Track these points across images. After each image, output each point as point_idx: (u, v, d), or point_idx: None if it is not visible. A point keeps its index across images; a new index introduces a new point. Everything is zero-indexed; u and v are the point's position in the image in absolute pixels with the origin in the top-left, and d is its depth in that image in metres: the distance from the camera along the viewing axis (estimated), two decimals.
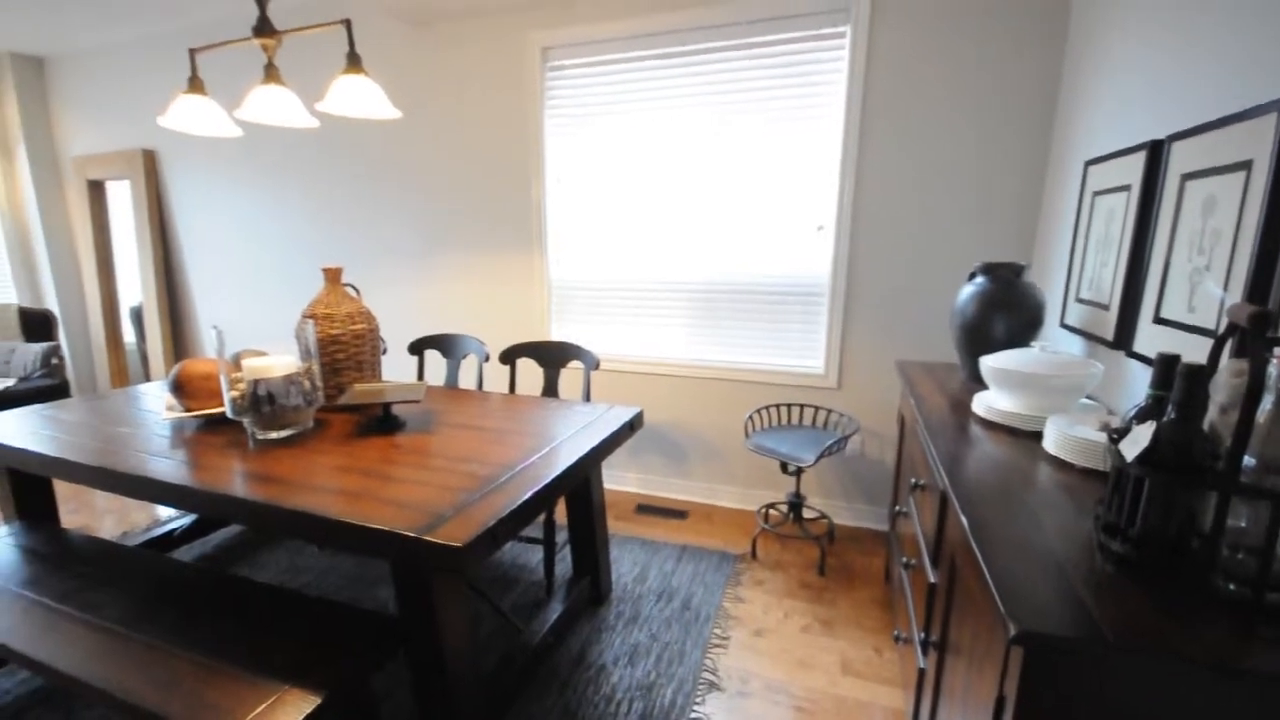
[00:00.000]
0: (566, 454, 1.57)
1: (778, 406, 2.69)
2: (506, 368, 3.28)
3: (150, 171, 3.94)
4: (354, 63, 1.67)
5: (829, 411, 2.63)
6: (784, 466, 2.40)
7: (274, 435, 1.67)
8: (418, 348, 2.64)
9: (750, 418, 2.62)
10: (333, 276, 2.01)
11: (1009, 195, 2.31)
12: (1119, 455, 0.82)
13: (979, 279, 1.82)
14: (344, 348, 1.94)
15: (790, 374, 2.73)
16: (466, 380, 3.35)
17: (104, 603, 1.47)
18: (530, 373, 3.22)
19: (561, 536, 2.65)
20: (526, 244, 3.07)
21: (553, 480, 1.42)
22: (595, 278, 3.01)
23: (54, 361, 3.89)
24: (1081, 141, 1.94)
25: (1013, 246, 2.35)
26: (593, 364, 2.32)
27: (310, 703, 1.15)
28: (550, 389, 2.42)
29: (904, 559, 1.65)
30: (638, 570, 2.40)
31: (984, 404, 1.51)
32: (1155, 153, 1.42)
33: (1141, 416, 0.89)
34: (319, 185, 3.50)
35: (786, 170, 2.59)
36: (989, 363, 1.47)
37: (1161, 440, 0.78)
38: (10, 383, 3.71)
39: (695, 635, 2.01)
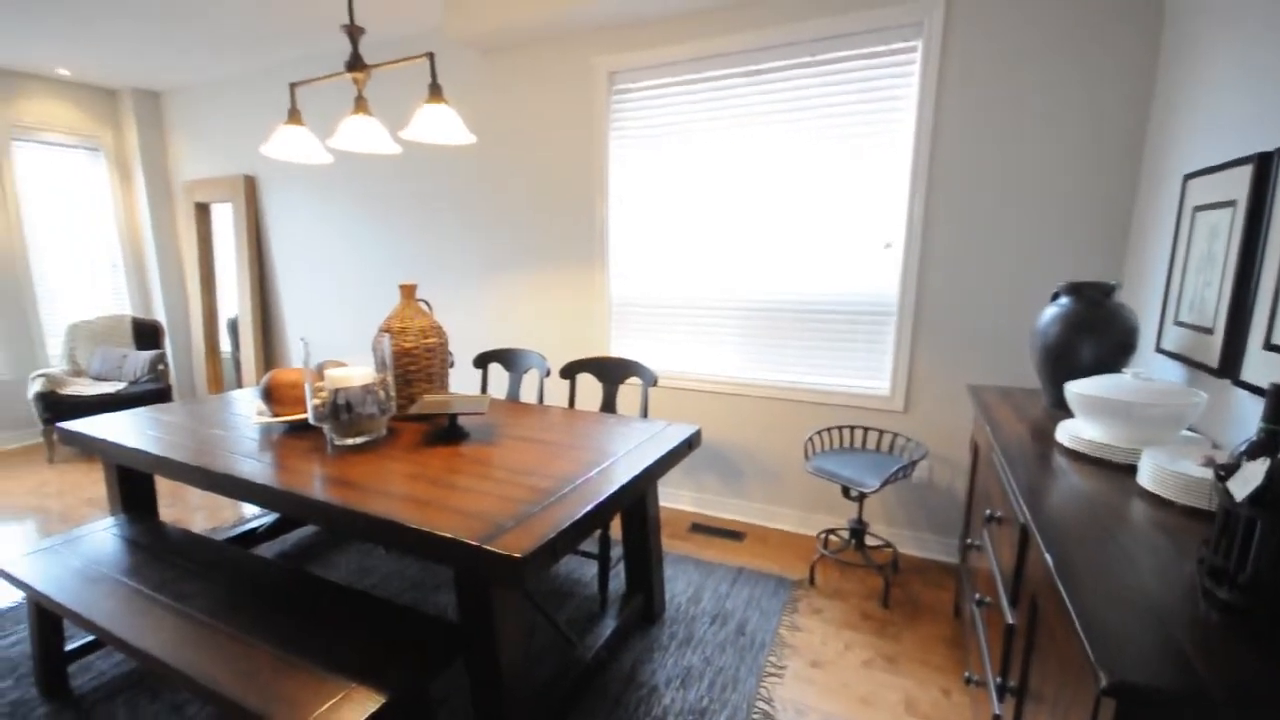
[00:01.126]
0: (624, 470, 1.58)
1: (839, 429, 2.61)
2: (566, 382, 3.34)
3: (250, 195, 4.29)
4: (436, 93, 1.77)
5: (894, 435, 2.53)
6: (845, 491, 2.32)
7: (350, 442, 1.76)
8: (482, 361, 2.73)
9: (810, 439, 2.56)
10: (407, 293, 2.12)
11: (1095, 211, 2.18)
12: (1227, 494, 0.75)
13: (1063, 299, 1.71)
14: (416, 360, 2.03)
15: (853, 395, 2.65)
16: (527, 394, 3.43)
17: (194, 593, 1.59)
18: (589, 388, 3.27)
19: (615, 552, 2.66)
20: (588, 262, 3.14)
21: (610, 496, 1.43)
22: (655, 295, 3.04)
23: (160, 368, 4.26)
24: (1178, 154, 1.81)
25: (1099, 265, 2.20)
26: (651, 380, 2.33)
27: (375, 702, 1.19)
28: (609, 404, 2.44)
29: (977, 595, 1.55)
30: (691, 590, 2.37)
31: (1069, 433, 1.41)
32: (1264, 166, 1.31)
33: (1252, 452, 0.81)
34: (396, 207, 3.70)
35: (853, 186, 2.54)
36: (1077, 389, 1.38)
37: (1276, 479, 0.70)
38: (122, 386, 4.09)
39: (750, 662, 1.95)
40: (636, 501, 2.03)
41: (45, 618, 1.77)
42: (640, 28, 2.79)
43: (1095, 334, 1.62)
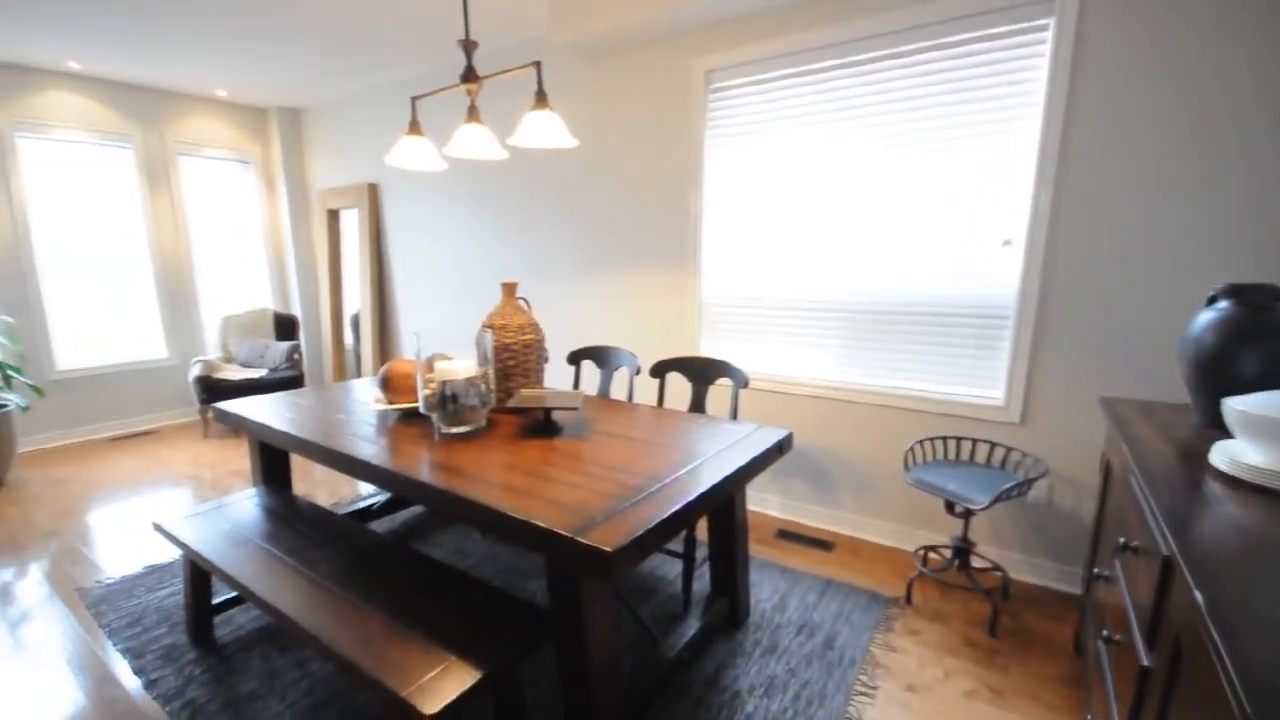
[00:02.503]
0: (713, 471, 1.57)
1: (945, 439, 2.45)
2: (656, 381, 3.37)
3: (373, 201, 4.68)
4: (541, 99, 1.85)
5: (1008, 449, 2.33)
6: (950, 507, 2.17)
7: (454, 430, 1.87)
8: (575, 358, 2.81)
9: (911, 449, 2.41)
10: (508, 291, 2.22)
11: (1258, 205, 1.89)
12: None
13: (1222, 303, 1.50)
14: (514, 356, 2.13)
15: (962, 404, 2.47)
16: (617, 391, 3.49)
17: (319, 560, 1.76)
18: (678, 387, 3.27)
19: (700, 553, 2.64)
20: (681, 261, 3.14)
21: (699, 496, 1.42)
22: (747, 295, 2.99)
23: (295, 357, 4.75)
24: None
25: (1265, 266, 1.91)
26: (742, 382, 2.29)
27: (472, 677, 1.26)
28: (698, 405, 2.43)
29: (1105, 632, 1.40)
30: (777, 598, 2.31)
31: (1228, 456, 1.24)
32: None
33: None
34: (498, 209, 3.89)
35: (967, 181, 2.37)
36: (1239, 406, 1.20)
37: None
38: (264, 372, 4.60)
39: (839, 678, 1.88)
40: (724, 504, 2.01)
41: (198, 573, 2.02)
42: (738, 24, 2.76)
43: (1261, 343, 1.41)
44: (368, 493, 3.35)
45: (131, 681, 1.88)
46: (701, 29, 2.86)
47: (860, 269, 2.65)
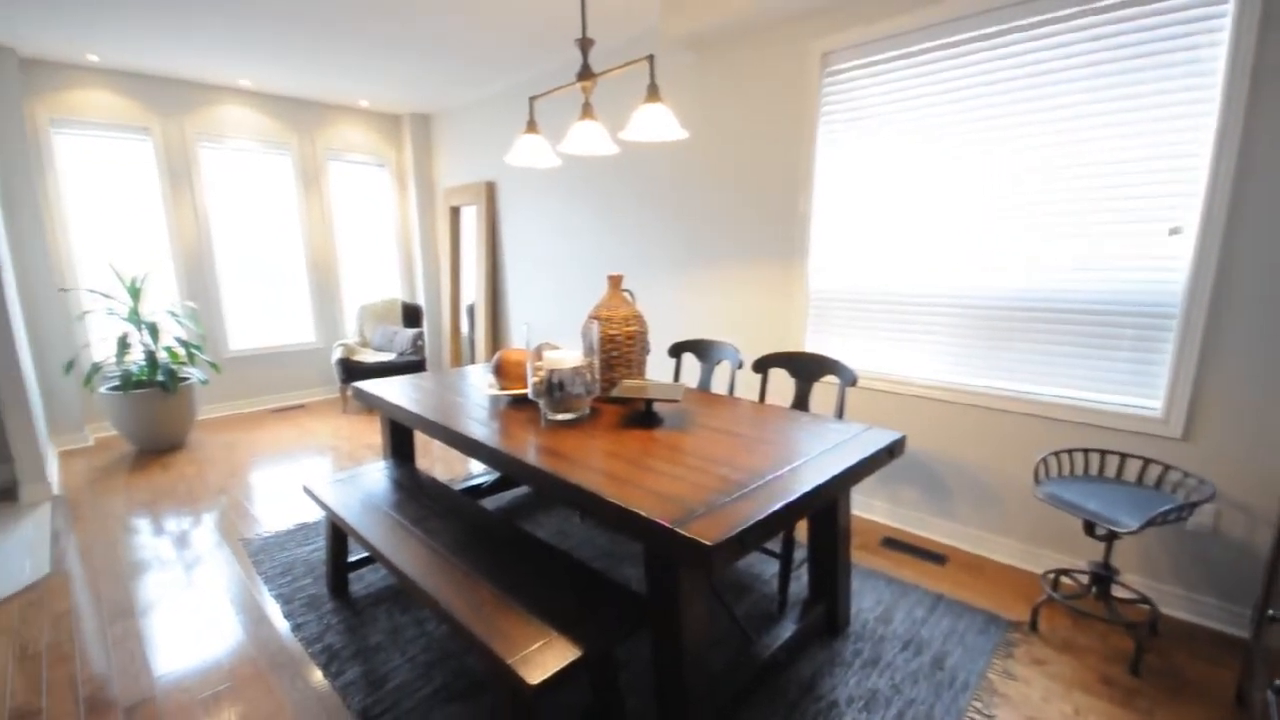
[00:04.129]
0: (816, 471, 1.52)
1: (1085, 452, 2.20)
2: (758, 376, 3.31)
3: (490, 198, 4.96)
4: (653, 93, 1.86)
5: (1166, 468, 2.05)
6: (1089, 527, 1.95)
7: (560, 417, 1.95)
8: (677, 351, 2.82)
9: (1044, 461, 2.19)
10: (614, 283, 2.27)
11: None
12: None
13: None
14: (618, 347, 2.18)
15: (1108, 413, 2.21)
16: (718, 385, 3.47)
17: (439, 530, 1.90)
18: (781, 383, 3.19)
19: (799, 555, 2.57)
20: (788, 253, 3.06)
21: (802, 496, 1.38)
22: (859, 289, 2.85)
23: (419, 343, 5.16)
24: None
25: None
26: (850, 380, 2.19)
27: (572, 653, 1.31)
28: (801, 402, 2.36)
29: (1277, 682, 1.20)
30: (881, 610, 2.20)
31: None
32: None
33: None
34: (606, 202, 3.99)
35: (1121, 163, 2.10)
36: None
37: None
38: (392, 356, 5.04)
39: (948, 702, 1.76)
40: (827, 506, 1.94)
41: (337, 534, 2.26)
42: (860, 1, 2.62)
43: None
44: (478, 471, 3.58)
45: (281, 624, 2.15)
46: (820, 9, 2.75)
47: (988, 261, 2.44)
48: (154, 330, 3.94)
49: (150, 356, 3.92)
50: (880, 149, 2.67)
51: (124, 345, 3.81)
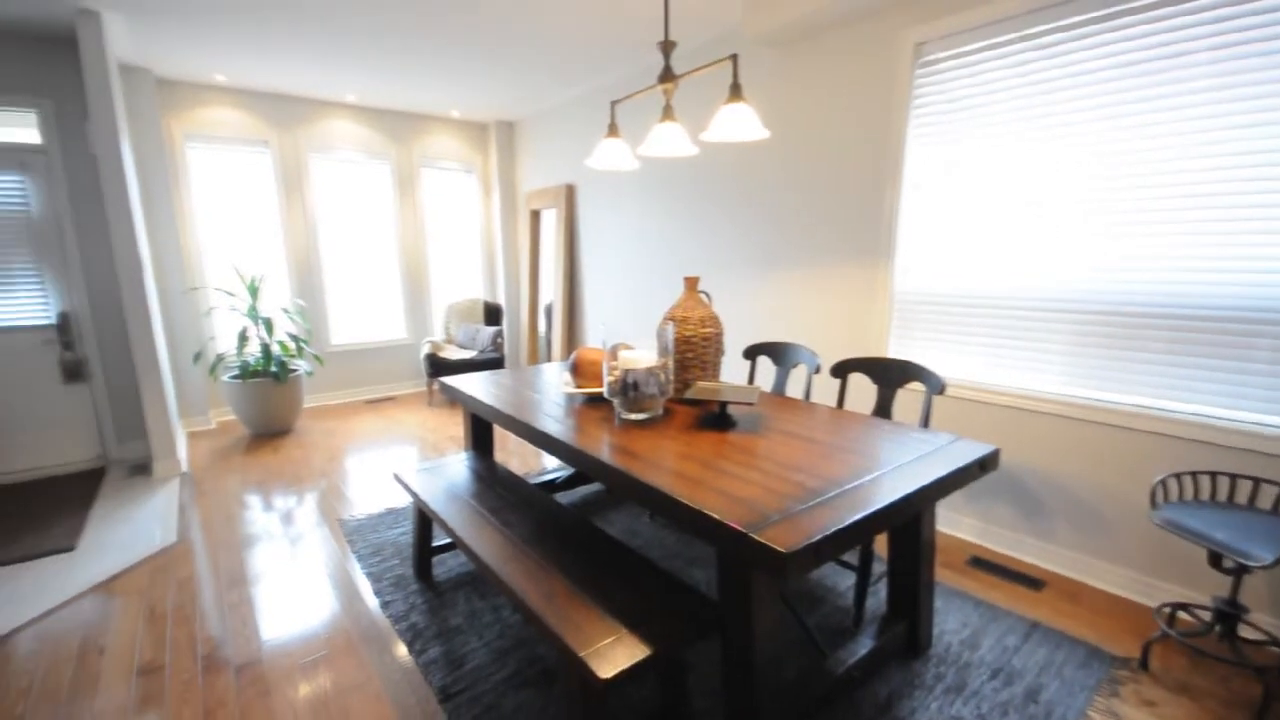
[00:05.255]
0: (899, 483, 1.45)
1: (1213, 475, 1.97)
2: (834, 381, 3.20)
3: (569, 201, 5.09)
4: (736, 92, 1.84)
5: None
6: (1215, 559, 1.75)
7: (634, 416, 1.97)
8: (752, 353, 2.78)
9: (1162, 482, 1.99)
10: (691, 284, 2.27)
11: None
12: None
13: None
14: (693, 348, 2.17)
15: (1241, 433, 1.97)
16: (793, 389, 3.39)
17: (514, 522, 1.97)
18: (860, 390, 3.07)
19: (877, 569, 2.46)
20: (871, 255, 2.94)
21: (883, 508, 1.32)
22: (950, 291, 2.69)
23: (498, 341, 5.37)
24: None
25: None
26: (937, 388, 2.08)
27: (641, 651, 1.32)
28: (883, 409, 2.26)
29: None
30: (967, 633, 2.06)
31: None
32: None
33: None
34: (683, 204, 3.99)
35: (1262, 148, 1.87)
36: None
37: None
38: (474, 354, 5.27)
39: None
40: (910, 519, 1.84)
41: (423, 519, 2.39)
42: None
43: None
44: (552, 466, 3.67)
45: (371, 600, 2.30)
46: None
47: (1103, 262, 2.24)
48: (269, 325, 4.33)
49: (265, 349, 4.31)
50: (980, 141, 2.52)
51: (243, 339, 4.21)
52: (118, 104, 3.34)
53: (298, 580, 2.45)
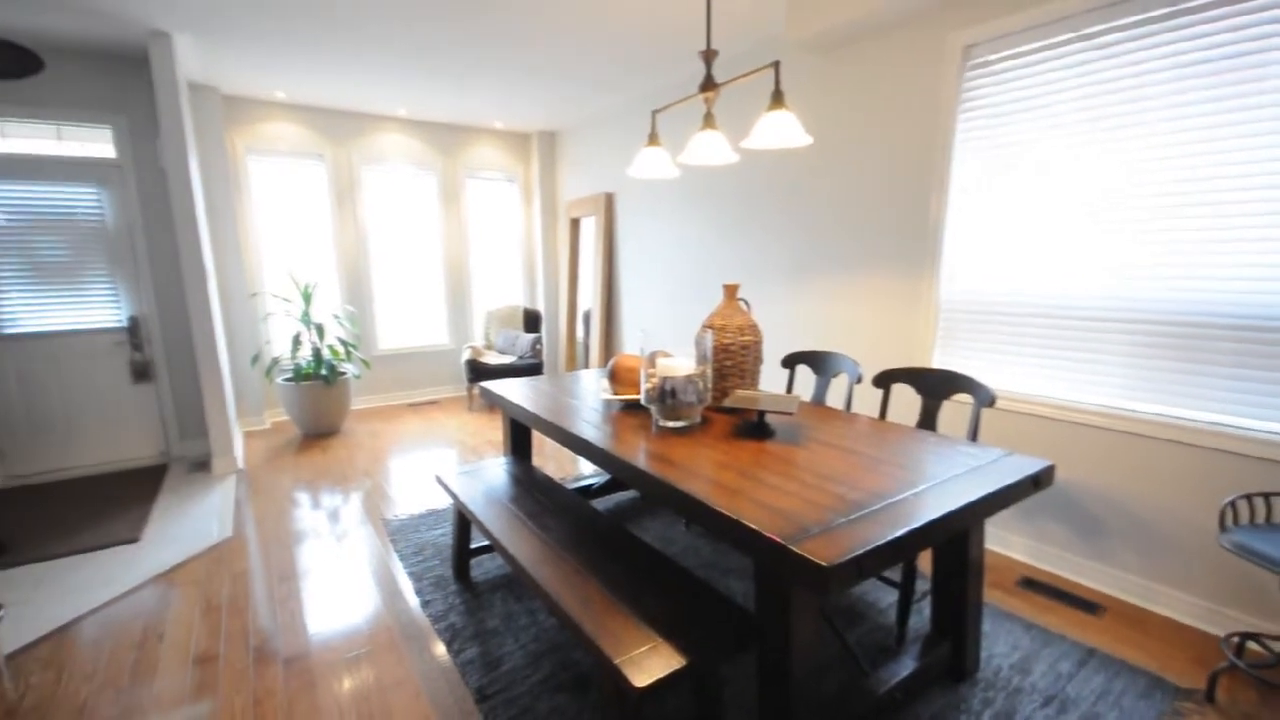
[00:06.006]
0: (946, 498, 1.41)
1: None
2: (877, 392, 3.13)
3: (608, 209, 5.14)
4: (778, 100, 1.83)
5: None
6: None
7: (671, 424, 1.97)
8: (791, 362, 2.74)
9: (1232, 504, 1.87)
10: (730, 292, 2.26)
11: None
12: None
13: None
14: (732, 356, 2.16)
15: None
16: (833, 400, 3.32)
17: (552, 526, 1.99)
18: (902, 400, 3.00)
19: (920, 586, 2.39)
20: (916, 262, 2.87)
21: (931, 523, 1.28)
22: (998, 300, 2.60)
23: (537, 347, 5.44)
24: None
25: None
26: (987, 400, 2.01)
27: (677, 662, 1.31)
28: (928, 421, 2.20)
29: None
30: (1017, 658, 1.98)
31: None
32: None
33: None
34: (721, 212, 3.98)
35: None
36: None
37: None
38: (513, 359, 5.36)
39: None
40: (957, 536, 1.78)
41: (462, 521, 2.44)
42: None
43: None
44: (588, 472, 3.69)
45: (412, 599, 2.35)
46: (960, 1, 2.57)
47: (1163, 269, 2.13)
48: (321, 330, 4.50)
49: (316, 353, 4.48)
50: (1033, 144, 2.43)
51: (297, 343, 4.39)
52: (186, 120, 3.54)
53: (343, 577, 2.53)
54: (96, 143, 3.73)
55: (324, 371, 4.47)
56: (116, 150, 3.76)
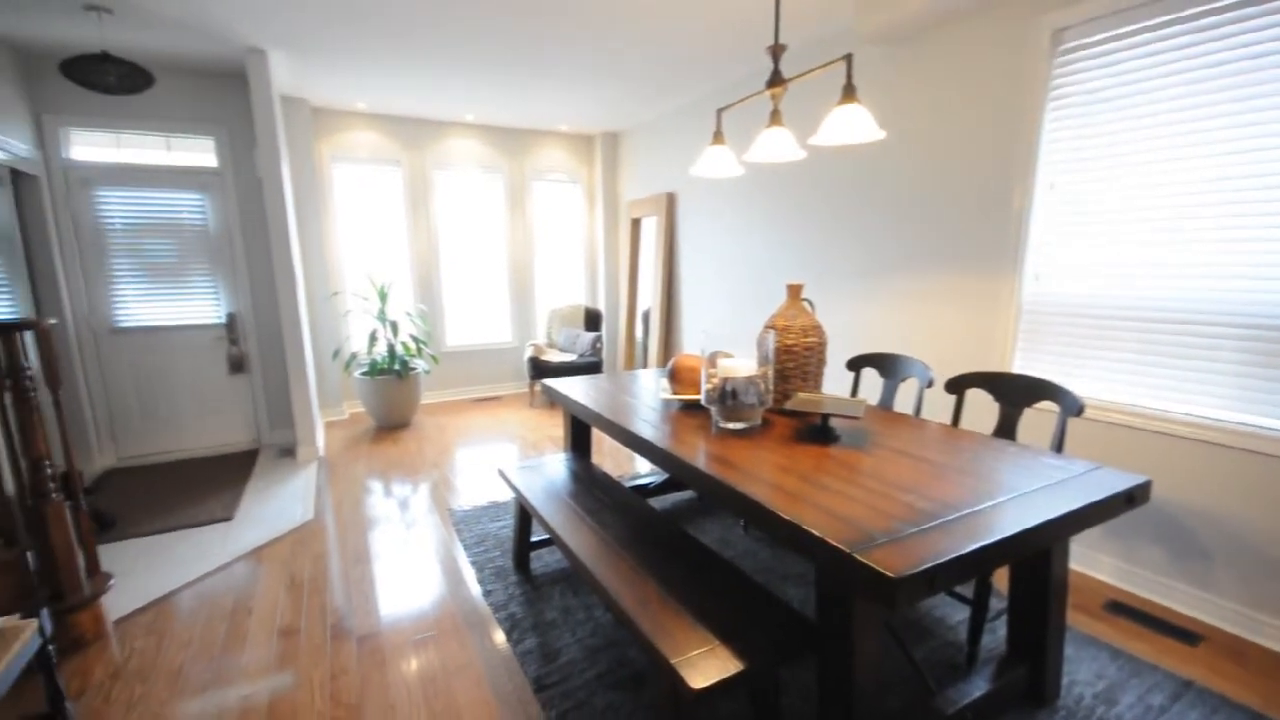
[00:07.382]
0: (1026, 512, 1.32)
1: None
2: (950, 398, 2.98)
3: (670, 209, 5.14)
4: (850, 93, 1.77)
5: None
6: None
7: (731, 426, 1.95)
8: (856, 364, 2.65)
9: None
10: (794, 292, 2.21)
11: None
12: None
13: None
14: (795, 358, 2.11)
15: None
16: (901, 405, 3.19)
17: (610, 523, 2.01)
18: (977, 407, 2.84)
19: (994, 604, 2.26)
20: (995, 261, 2.71)
21: (1010, 537, 1.21)
22: (1088, 302, 2.43)
23: (597, 346, 5.51)
24: None
25: None
26: (1074, 408, 1.87)
27: (733, 666, 1.30)
28: (1006, 429, 2.07)
29: None
30: (1102, 686, 1.84)
31: None
32: None
33: None
34: (783, 209, 3.90)
35: None
36: None
37: None
38: (574, 357, 5.44)
39: None
40: (1038, 553, 1.67)
41: (523, 514, 2.50)
42: None
43: None
44: (644, 471, 3.71)
45: (475, 588, 2.43)
46: None
47: (1274, 266, 1.92)
48: (395, 328, 4.73)
49: (390, 349, 4.71)
50: (1132, 134, 2.25)
51: (373, 339, 4.63)
52: (279, 131, 3.80)
53: (411, 562, 2.64)
54: (200, 152, 4.06)
55: (397, 367, 4.70)
56: (218, 159, 4.08)
